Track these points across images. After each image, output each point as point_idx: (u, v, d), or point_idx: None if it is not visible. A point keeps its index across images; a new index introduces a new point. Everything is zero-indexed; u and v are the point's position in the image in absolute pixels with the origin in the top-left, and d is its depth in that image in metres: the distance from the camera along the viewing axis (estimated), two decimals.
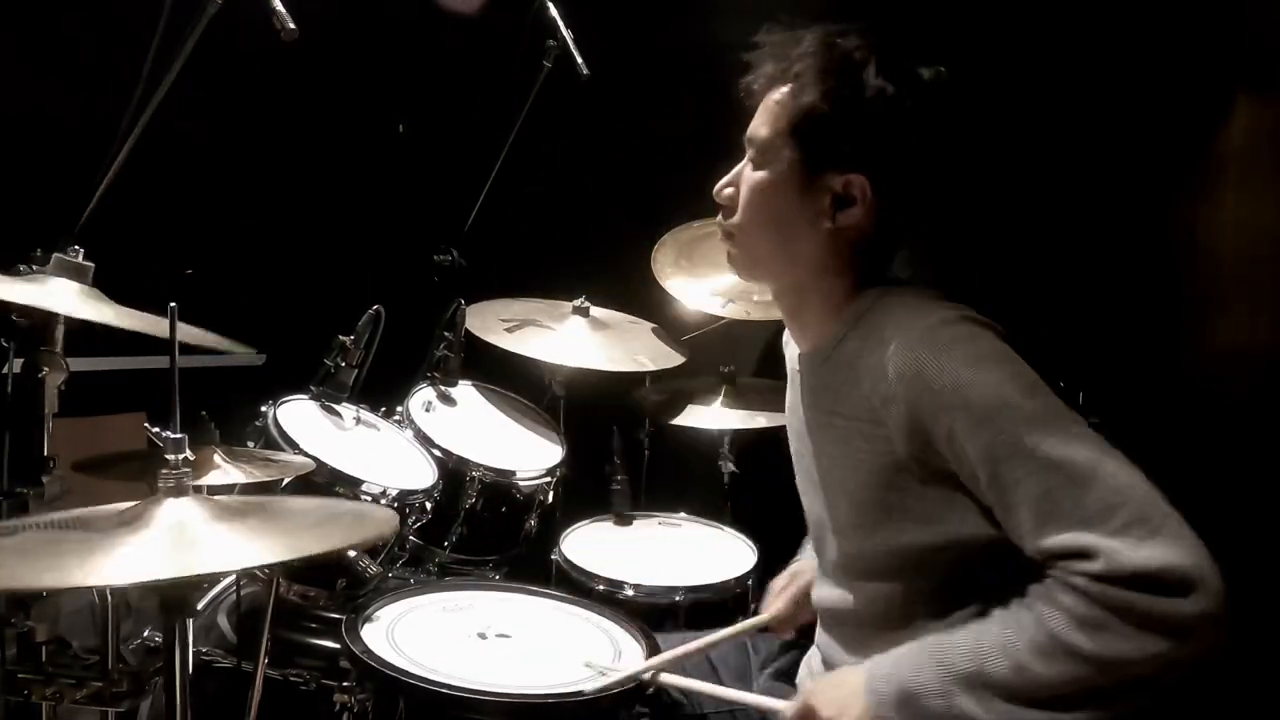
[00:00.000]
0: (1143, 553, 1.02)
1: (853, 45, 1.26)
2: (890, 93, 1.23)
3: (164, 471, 1.08)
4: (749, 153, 1.33)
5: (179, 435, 1.09)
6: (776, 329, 1.90)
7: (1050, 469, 1.07)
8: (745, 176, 1.33)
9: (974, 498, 1.16)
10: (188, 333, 1.46)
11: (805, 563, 1.64)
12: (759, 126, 1.31)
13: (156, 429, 1.12)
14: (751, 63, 1.33)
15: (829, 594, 1.40)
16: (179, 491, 1.07)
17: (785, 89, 1.28)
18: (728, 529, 2.28)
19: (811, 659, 1.50)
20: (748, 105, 1.34)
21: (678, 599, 1.97)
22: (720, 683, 1.55)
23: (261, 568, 1.50)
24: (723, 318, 2.43)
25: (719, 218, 1.38)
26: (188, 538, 1.01)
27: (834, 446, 1.32)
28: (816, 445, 1.37)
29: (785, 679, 1.54)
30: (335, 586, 1.76)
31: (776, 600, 1.64)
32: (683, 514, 2.36)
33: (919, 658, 1.13)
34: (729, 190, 1.35)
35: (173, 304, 1.11)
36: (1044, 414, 1.10)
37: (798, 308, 1.38)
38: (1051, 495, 1.06)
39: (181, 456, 1.08)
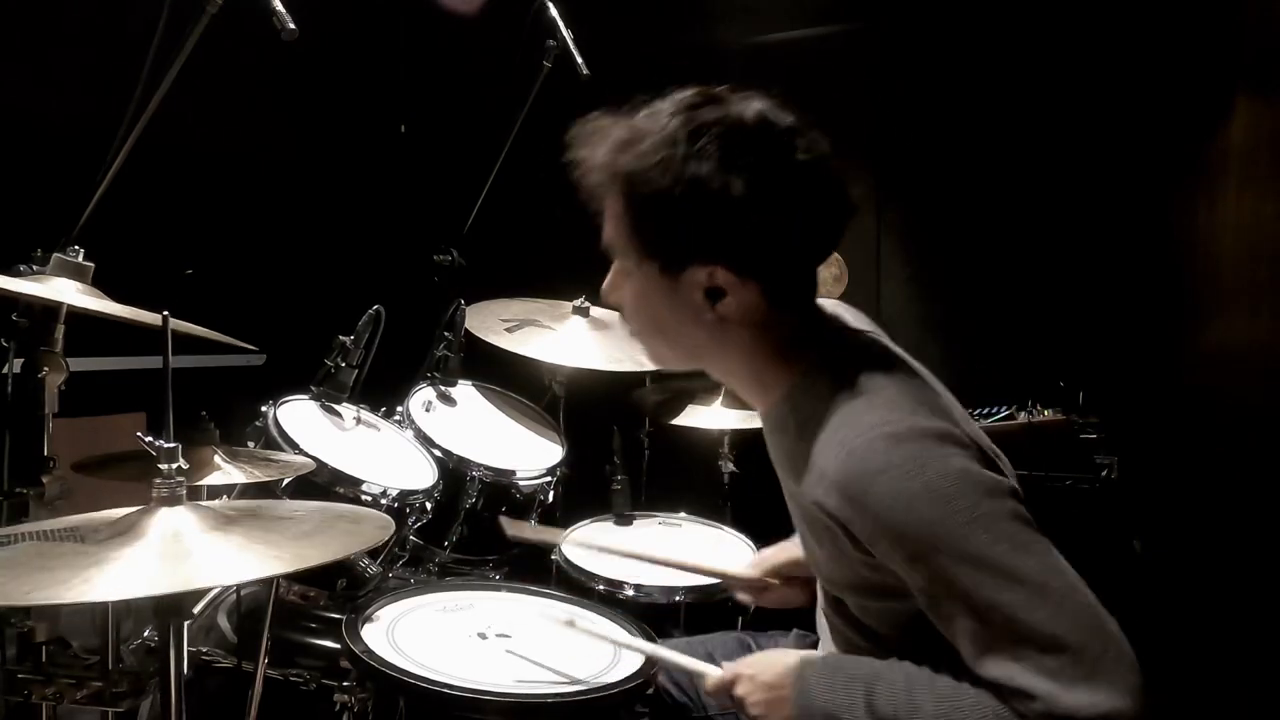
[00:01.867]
0: (1078, 697, 1.01)
1: (665, 129, 1.15)
2: (713, 176, 1.12)
3: (158, 481, 1.07)
4: (614, 254, 1.26)
5: (172, 444, 1.08)
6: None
7: (988, 609, 1.04)
8: (620, 277, 1.27)
9: None
10: (189, 328, 1.46)
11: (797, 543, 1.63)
12: (608, 234, 1.24)
13: (150, 438, 1.11)
14: (577, 167, 1.24)
15: (822, 612, 1.40)
16: (173, 501, 1.07)
17: (612, 194, 1.20)
18: (728, 529, 2.28)
19: None
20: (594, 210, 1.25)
21: (678, 599, 1.96)
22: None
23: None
24: None
25: (621, 320, 1.32)
26: (181, 549, 1.01)
27: (799, 514, 1.30)
28: (788, 496, 1.33)
29: None
30: (335, 586, 1.76)
31: (753, 565, 1.65)
32: (683, 514, 2.36)
33: (852, 689, 1.14)
34: (614, 295, 1.29)
35: (165, 312, 1.11)
36: (982, 550, 1.05)
37: (734, 383, 1.32)
38: (989, 633, 1.05)
39: (175, 465, 1.08)
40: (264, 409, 1.82)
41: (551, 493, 2.21)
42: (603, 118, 1.23)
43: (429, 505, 1.91)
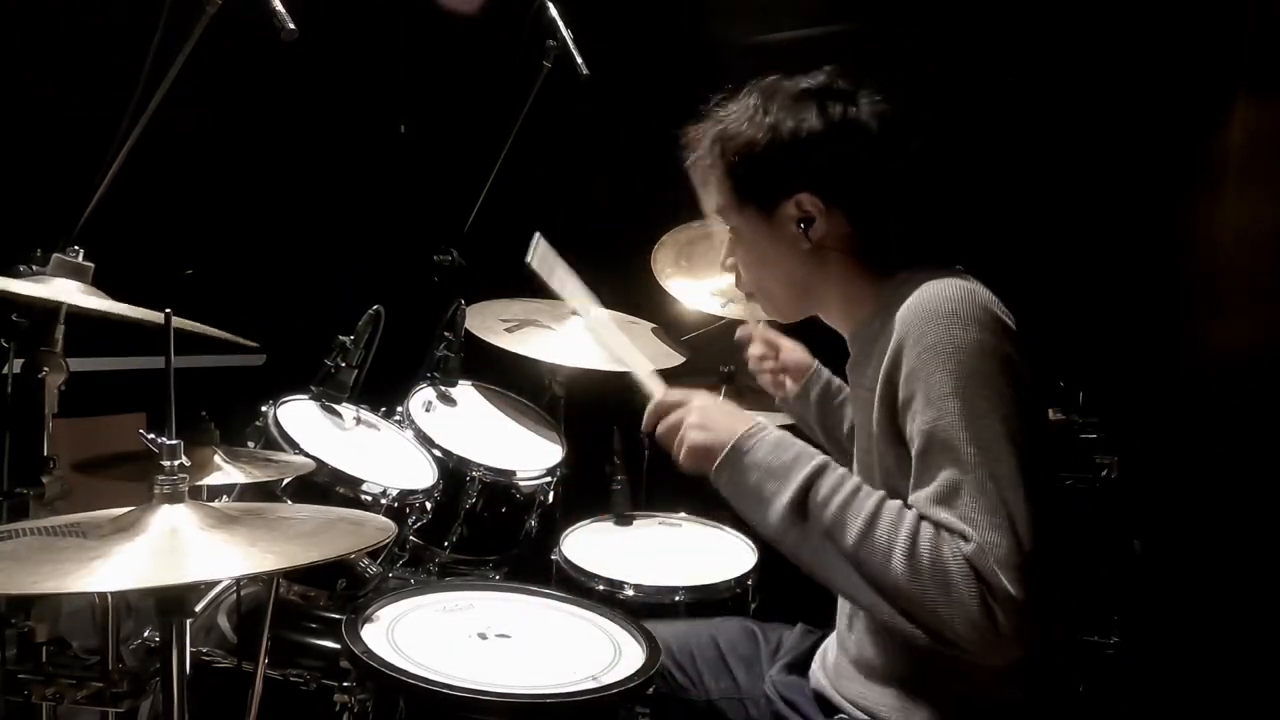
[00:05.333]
0: (1006, 576, 1.13)
1: (742, 102, 1.41)
2: (787, 119, 1.35)
3: (159, 478, 1.08)
4: (726, 225, 1.48)
5: (174, 441, 1.08)
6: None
7: (968, 469, 1.17)
8: (732, 246, 1.49)
9: None
10: (191, 326, 1.46)
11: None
12: (710, 204, 1.47)
13: (152, 435, 1.11)
14: (683, 160, 1.49)
15: None
16: (175, 498, 1.07)
17: (707, 164, 1.44)
18: (728, 529, 2.28)
19: (826, 650, 1.50)
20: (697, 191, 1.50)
21: (678, 599, 1.97)
22: (728, 670, 1.57)
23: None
24: (723, 318, 2.43)
25: (739, 288, 1.53)
26: (182, 544, 1.01)
27: (859, 415, 1.44)
28: (852, 415, 1.54)
29: (799, 671, 1.54)
30: (335, 587, 1.76)
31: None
32: (683, 514, 2.36)
33: (800, 463, 1.26)
34: (730, 261, 1.50)
35: (167, 309, 1.11)
36: (987, 429, 1.18)
37: (833, 314, 1.48)
38: (958, 490, 1.17)
39: (177, 463, 1.08)
40: (264, 409, 1.82)
41: (551, 493, 2.21)
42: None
43: (429, 505, 1.91)
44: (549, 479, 2.18)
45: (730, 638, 1.62)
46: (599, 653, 1.48)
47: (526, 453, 2.24)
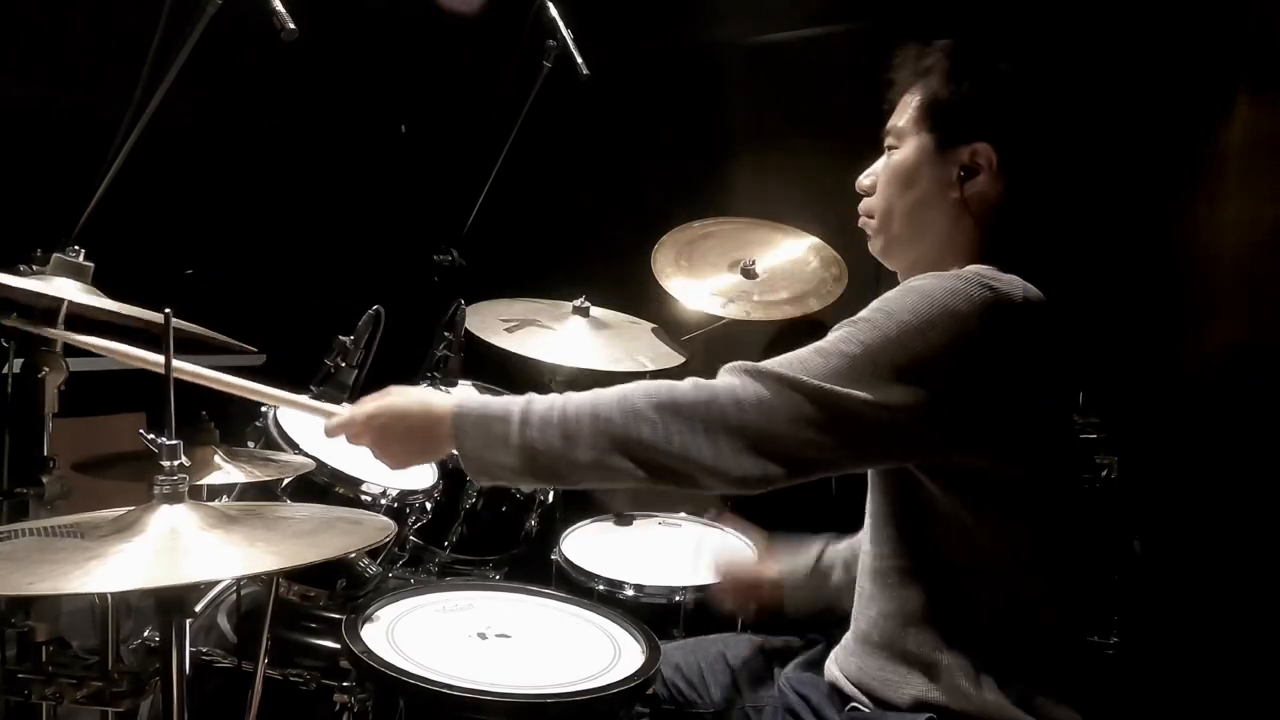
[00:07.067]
0: (787, 435, 1.20)
1: (971, 44, 1.42)
2: (1004, 72, 1.39)
3: (159, 478, 1.08)
4: (887, 142, 1.47)
5: (174, 441, 1.08)
6: (777, 329, 1.90)
7: (821, 357, 1.23)
8: (884, 163, 1.47)
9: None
10: (190, 328, 1.46)
11: (783, 567, 1.71)
12: (896, 119, 1.45)
13: (152, 435, 1.11)
14: (892, 73, 1.48)
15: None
16: (174, 498, 1.07)
17: (916, 85, 1.44)
18: (728, 529, 2.28)
19: (839, 649, 1.50)
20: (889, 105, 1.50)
21: (678, 599, 1.97)
22: (736, 683, 1.56)
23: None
24: (723, 318, 2.43)
25: (860, 206, 1.51)
26: (182, 544, 1.01)
27: None
28: None
29: (814, 669, 1.53)
30: (335, 586, 1.76)
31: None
32: (683, 514, 2.36)
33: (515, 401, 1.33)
34: (869, 179, 1.49)
35: (167, 309, 1.11)
36: (874, 361, 1.21)
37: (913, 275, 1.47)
38: (800, 359, 1.24)
39: (177, 463, 1.08)
40: (264, 409, 1.82)
41: (551, 492, 2.21)
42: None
43: (429, 505, 1.91)
44: None
45: (738, 652, 1.61)
46: (599, 653, 1.48)
47: None
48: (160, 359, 1.12)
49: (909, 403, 1.19)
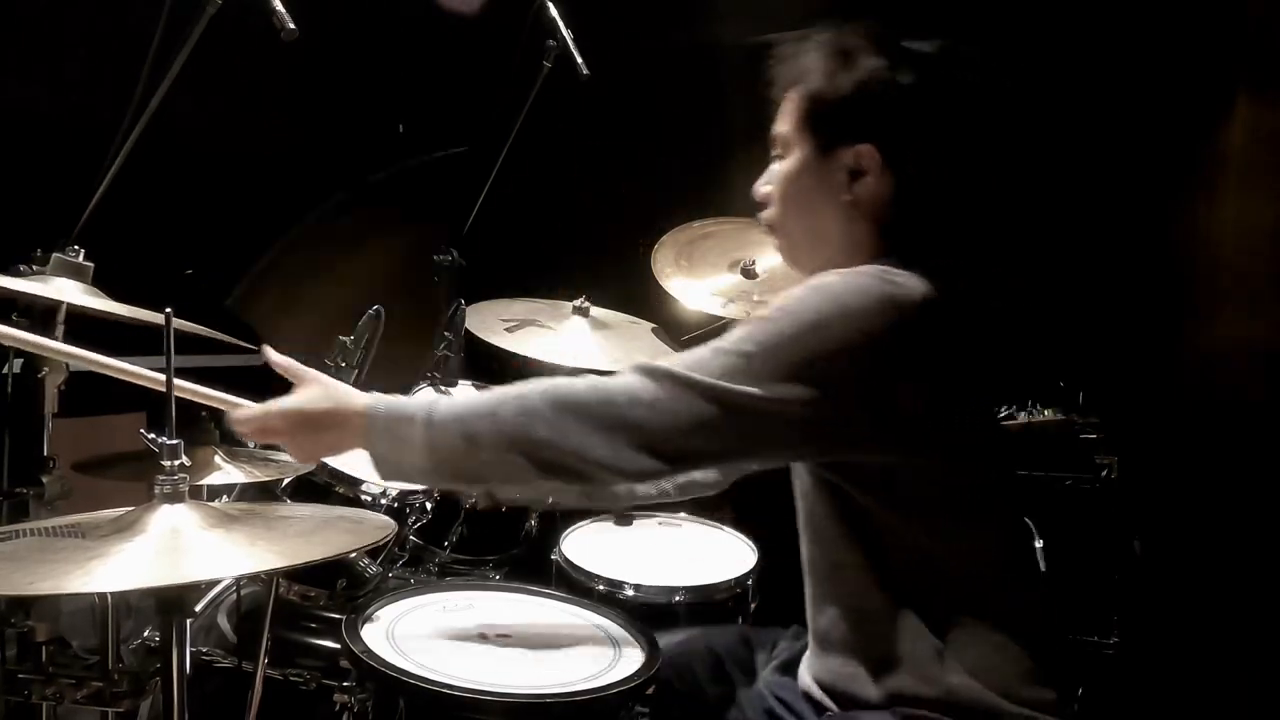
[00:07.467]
0: (679, 431, 1.21)
1: (850, 36, 1.39)
2: (885, 68, 1.34)
3: (159, 478, 1.08)
4: (774, 151, 1.44)
5: (174, 441, 1.09)
6: None
7: (718, 356, 1.24)
8: (774, 171, 1.44)
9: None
10: (190, 327, 1.46)
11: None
12: (779, 124, 1.43)
13: (152, 435, 1.11)
14: (770, 71, 1.45)
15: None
16: (175, 498, 1.07)
17: (794, 86, 1.40)
18: (728, 529, 2.28)
19: (807, 654, 1.50)
20: (774, 109, 1.46)
21: (678, 599, 1.96)
22: (726, 676, 1.56)
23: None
24: (723, 318, 2.43)
25: (760, 215, 1.48)
26: (182, 544, 1.01)
27: None
28: None
29: (790, 671, 1.53)
30: (335, 586, 1.76)
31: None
32: (683, 514, 2.36)
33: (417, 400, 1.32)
34: (765, 188, 1.45)
35: (167, 309, 1.11)
36: (768, 359, 1.22)
37: None
38: (698, 357, 1.25)
39: (177, 462, 1.08)
40: None
41: None
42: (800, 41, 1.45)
43: (429, 505, 1.91)
44: None
45: (728, 645, 1.61)
46: (599, 653, 1.48)
47: None
48: (160, 375, 1.12)
49: (800, 399, 1.20)
